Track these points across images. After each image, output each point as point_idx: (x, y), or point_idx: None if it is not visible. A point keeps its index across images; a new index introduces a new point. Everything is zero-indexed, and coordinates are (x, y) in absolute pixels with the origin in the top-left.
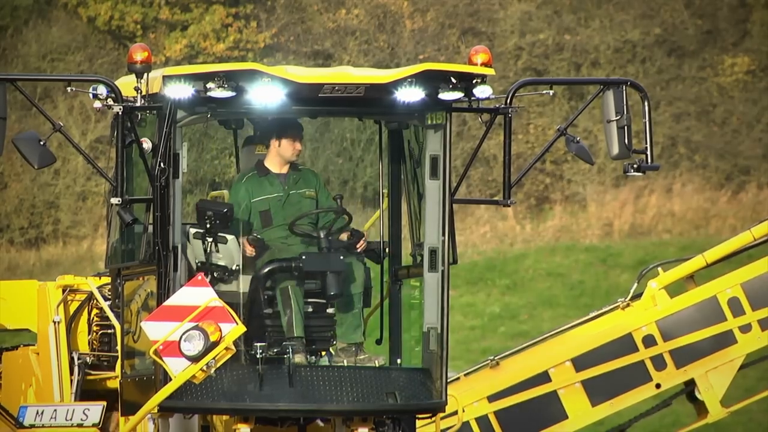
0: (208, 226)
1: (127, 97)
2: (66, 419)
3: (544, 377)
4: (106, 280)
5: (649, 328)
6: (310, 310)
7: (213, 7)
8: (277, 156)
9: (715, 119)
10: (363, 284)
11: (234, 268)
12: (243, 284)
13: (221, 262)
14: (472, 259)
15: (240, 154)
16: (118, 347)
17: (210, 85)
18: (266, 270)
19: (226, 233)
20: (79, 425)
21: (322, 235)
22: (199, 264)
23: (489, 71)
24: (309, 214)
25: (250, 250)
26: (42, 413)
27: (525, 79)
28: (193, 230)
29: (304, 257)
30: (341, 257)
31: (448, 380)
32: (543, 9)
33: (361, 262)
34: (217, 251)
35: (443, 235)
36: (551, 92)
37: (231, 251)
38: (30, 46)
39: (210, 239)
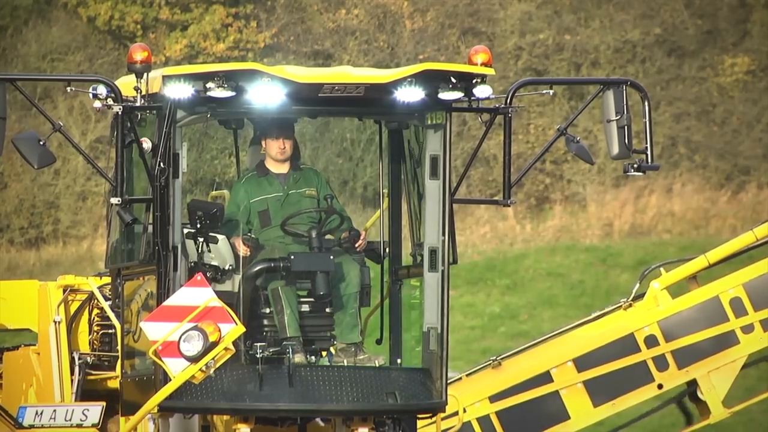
0: (198, 226)
1: (126, 97)
2: (65, 419)
3: (545, 377)
4: (107, 280)
5: (651, 329)
6: (307, 309)
7: (213, 7)
8: (268, 155)
9: (715, 119)
10: (359, 284)
11: (226, 268)
12: (236, 284)
13: (213, 262)
14: (472, 259)
15: (246, 153)
16: (119, 347)
17: (210, 84)
18: (255, 270)
19: (218, 233)
20: (79, 425)
21: (313, 235)
22: (192, 264)
23: (489, 71)
24: (298, 214)
25: (244, 250)
26: (41, 413)
27: (525, 79)
28: (185, 230)
29: (292, 257)
30: (330, 257)
31: (450, 380)
32: (543, 9)
33: (358, 262)
34: (209, 251)
35: (443, 235)
36: (551, 92)
37: (222, 251)
38: (30, 46)
39: (201, 239)
